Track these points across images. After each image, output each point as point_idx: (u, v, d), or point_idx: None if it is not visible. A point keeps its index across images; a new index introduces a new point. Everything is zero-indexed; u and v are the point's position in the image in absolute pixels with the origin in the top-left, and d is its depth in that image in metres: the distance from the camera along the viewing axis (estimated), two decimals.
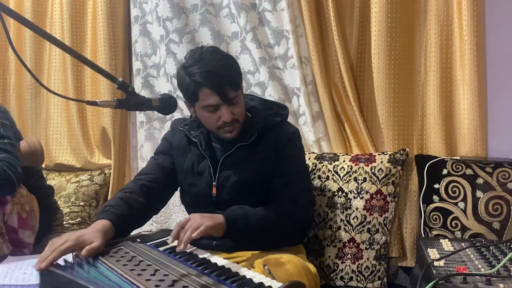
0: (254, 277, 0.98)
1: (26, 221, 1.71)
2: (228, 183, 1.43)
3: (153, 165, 1.54)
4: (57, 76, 2.38)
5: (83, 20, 2.35)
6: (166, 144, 1.57)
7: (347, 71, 1.87)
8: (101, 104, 1.11)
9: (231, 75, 1.37)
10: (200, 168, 1.47)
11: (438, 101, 1.78)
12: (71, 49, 1.09)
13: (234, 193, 1.43)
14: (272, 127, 1.46)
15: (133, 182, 1.48)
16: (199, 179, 1.47)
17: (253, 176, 1.42)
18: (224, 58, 1.39)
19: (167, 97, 1.32)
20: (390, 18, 1.78)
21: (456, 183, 1.66)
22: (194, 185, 1.48)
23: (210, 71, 1.33)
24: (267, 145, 1.44)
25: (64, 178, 2.28)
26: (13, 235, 1.67)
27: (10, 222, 1.66)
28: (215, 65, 1.34)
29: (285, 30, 1.94)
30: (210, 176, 1.45)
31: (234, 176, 1.43)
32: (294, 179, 1.43)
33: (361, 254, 1.67)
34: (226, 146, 1.45)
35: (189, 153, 1.50)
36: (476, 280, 1.05)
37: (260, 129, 1.44)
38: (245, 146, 1.43)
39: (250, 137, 1.43)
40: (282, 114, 1.52)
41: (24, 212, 1.71)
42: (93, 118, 2.37)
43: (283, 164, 1.43)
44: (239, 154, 1.43)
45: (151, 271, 1.01)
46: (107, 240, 1.20)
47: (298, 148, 1.51)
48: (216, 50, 1.40)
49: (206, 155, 1.45)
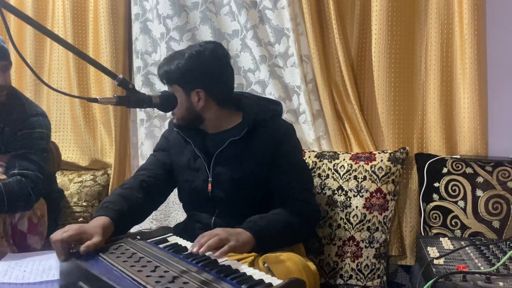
0: (254, 274, 0.98)
1: (36, 227, 1.69)
2: (222, 179, 1.43)
3: (152, 161, 1.55)
4: (60, 74, 2.37)
5: (85, 18, 2.34)
6: (164, 141, 1.59)
7: (348, 69, 1.87)
8: (102, 101, 1.11)
9: (166, 71, 1.41)
10: (197, 165, 1.47)
11: (439, 99, 1.78)
12: (71, 46, 1.09)
13: (228, 188, 1.43)
14: (264, 122, 1.46)
15: (133, 177, 1.49)
16: (196, 175, 1.47)
17: (247, 171, 1.42)
18: (176, 55, 1.43)
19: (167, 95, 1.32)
20: (390, 16, 1.78)
21: (456, 182, 1.66)
22: (191, 181, 1.48)
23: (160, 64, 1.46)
24: (260, 140, 1.43)
25: (67, 177, 2.27)
26: (22, 240, 1.64)
27: (20, 226, 1.64)
28: (165, 59, 1.45)
29: (286, 28, 1.94)
30: (206, 173, 1.45)
31: (228, 172, 1.43)
32: (298, 176, 1.43)
33: (360, 253, 1.67)
34: (219, 142, 1.45)
35: (186, 150, 1.50)
36: (475, 279, 1.06)
37: (252, 122, 1.43)
38: (237, 141, 1.43)
39: (240, 132, 1.43)
40: (275, 109, 1.52)
41: (35, 217, 1.69)
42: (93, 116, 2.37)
43: (284, 163, 1.43)
44: (232, 149, 1.43)
45: (151, 267, 1.01)
46: (107, 236, 1.20)
47: (296, 143, 1.50)
48: (189, 47, 1.46)
49: (200, 153, 1.46)
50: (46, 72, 2.41)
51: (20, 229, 1.64)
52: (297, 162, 1.47)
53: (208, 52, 1.41)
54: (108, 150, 2.34)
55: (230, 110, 1.49)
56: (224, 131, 1.47)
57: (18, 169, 1.61)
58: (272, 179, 1.43)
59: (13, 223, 1.62)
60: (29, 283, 1.29)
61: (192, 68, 1.39)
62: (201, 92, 1.41)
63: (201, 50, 1.41)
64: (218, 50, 1.44)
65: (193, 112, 1.44)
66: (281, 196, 1.40)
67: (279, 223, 1.30)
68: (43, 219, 1.73)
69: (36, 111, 1.74)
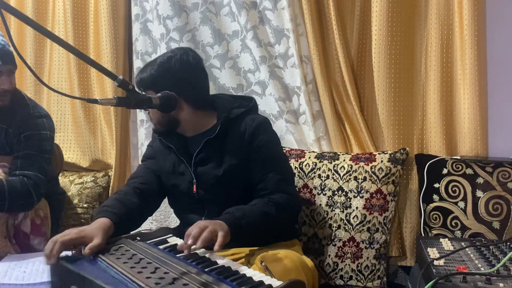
0: (254, 275, 0.98)
1: (39, 228, 1.69)
2: (205, 179, 1.46)
3: (142, 169, 1.58)
4: (61, 75, 2.37)
5: (85, 19, 2.34)
6: (150, 150, 1.63)
7: (348, 70, 1.87)
8: (102, 102, 1.11)
9: (141, 78, 1.47)
10: (181, 169, 1.50)
11: (439, 100, 1.78)
12: (71, 47, 1.09)
13: (212, 187, 1.45)
14: (237, 118, 1.48)
15: (126, 185, 1.51)
16: (182, 179, 1.50)
17: (227, 168, 1.44)
18: (150, 63, 1.49)
19: (167, 95, 1.33)
20: (391, 17, 1.78)
21: (456, 183, 1.66)
22: (177, 185, 1.51)
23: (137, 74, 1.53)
24: (235, 136, 1.46)
25: (68, 179, 2.26)
26: (24, 240, 1.64)
27: (23, 227, 1.64)
28: (141, 69, 1.51)
29: (286, 28, 1.94)
30: (191, 175, 1.48)
31: (208, 171, 1.46)
32: (275, 167, 1.44)
33: (361, 253, 1.67)
34: (196, 144, 1.48)
35: (169, 156, 1.53)
36: (476, 279, 1.05)
37: (224, 120, 1.46)
38: (213, 140, 1.45)
39: (214, 130, 1.45)
40: (247, 105, 1.54)
41: (38, 218, 1.69)
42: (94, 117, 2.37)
43: (259, 155, 1.45)
44: (209, 148, 1.46)
45: (151, 269, 1.01)
46: (108, 238, 1.21)
47: (271, 135, 1.51)
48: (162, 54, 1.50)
49: (183, 157, 1.49)
50: (46, 73, 2.41)
51: (23, 230, 1.64)
52: (273, 154, 1.48)
53: (178, 57, 1.46)
54: (109, 150, 2.34)
55: (205, 112, 1.52)
56: (202, 133, 1.50)
57: (20, 169, 1.62)
58: (250, 172, 1.45)
59: (15, 224, 1.62)
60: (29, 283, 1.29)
61: (163, 73, 1.44)
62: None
63: (171, 56, 1.47)
64: (189, 54, 1.48)
65: (168, 116, 1.47)
66: (259, 188, 1.43)
67: (255, 213, 1.32)
68: (46, 220, 1.73)
69: (40, 113, 1.75)
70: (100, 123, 2.35)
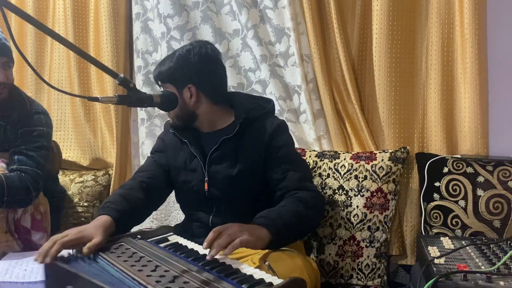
0: (255, 273, 0.98)
1: (40, 223, 1.69)
2: (218, 178, 1.44)
3: (150, 162, 1.57)
4: (62, 73, 2.37)
5: (86, 17, 2.34)
6: (160, 142, 1.61)
7: (348, 69, 1.87)
8: (103, 100, 1.11)
9: (160, 71, 1.47)
10: (193, 165, 1.49)
11: (439, 99, 1.78)
12: (72, 45, 1.09)
13: (224, 187, 1.44)
14: (256, 119, 1.47)
15: (132, 179, 1.50)
16: (193, 175, 1.48)
17: (241, 169, 1.43)
18: (168, 56, 1.48)
19: (168, 94, 1.33)
20: (391, 16, 1.78)
21: (457, 181, 1.66)
22: (188, 182, 1.49)
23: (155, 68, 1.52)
24: (253, 137, 1.45)
25: (68, 178, 2.26)
26: (25, 236, 1.65)
27: (23, 222, 1.64)
28: (159, 62, 1.51)
29: (286, 27, 1.94)
30: (203, 172, 1.46)
31: (222, 170, 1.44)
32: (294, 166, 1.43)
33: (361, 252, 1.67)
34: (212, 141, 1.46)
35: (181, 151, 1.52)
36: (476, 278, 1.06)
37: (243, 120, 1.45)
38: (230, 140, 1.44)
39: (233, 130, 1.44)
40: (266, 107, 1.53)
41: (38, 213, 1.69)
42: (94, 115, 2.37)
43: (278, 154, 1.44)
44: (225, 148, 1.45)
45: (152, 267, 1.01)
46: (108, 236, 1.20)
47: (288, 138, 1.51)
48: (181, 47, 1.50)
49: (196, 153, 1.47)
50: (47, 71, 2.41)
51: (24, 225, 1.65)
52: (291, 155, 1.48)
53: (197, 50, 1.45)
54: (109, 149, 2.34)
55: (223, 107, 1.51)
56: (218, 130, 1.49)
57: (17, 164, 1.63)
58: (269, 174, 1.44)
59: (15, 218, 1.63)
60: (30, 282, 1.29)
61: (182, 65, 1.43)
62: (192, 87, 1.44)
63: (190, 48, 1.46)
64: (208, 47, 1.48)
65: (186, 109, 1.46)
66: (281, 189, 1.41)
67: (289, 213, 1.29)
68: (46, 216, 1.74)
69: (37, 109, 1.75)
70: (100, 122, 2.35)
